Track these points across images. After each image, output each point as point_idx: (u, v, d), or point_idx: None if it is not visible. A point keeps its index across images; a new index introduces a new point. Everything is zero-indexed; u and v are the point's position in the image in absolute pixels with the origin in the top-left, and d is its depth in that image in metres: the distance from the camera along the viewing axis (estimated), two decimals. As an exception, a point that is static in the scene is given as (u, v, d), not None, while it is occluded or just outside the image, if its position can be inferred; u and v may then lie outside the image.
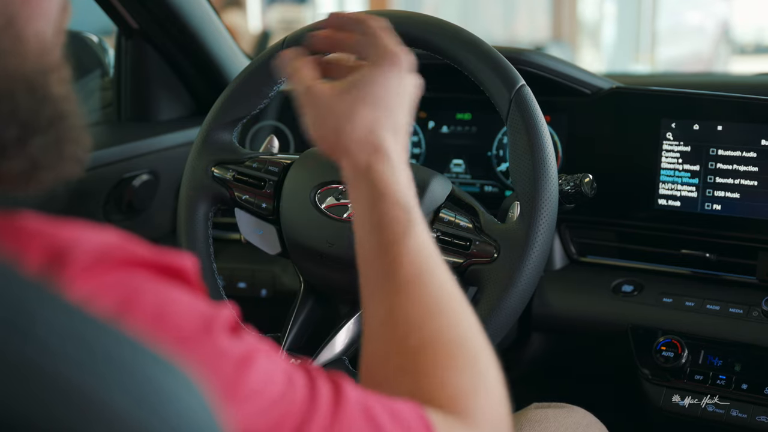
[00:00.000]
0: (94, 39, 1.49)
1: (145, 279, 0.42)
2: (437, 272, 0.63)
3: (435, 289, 0.62)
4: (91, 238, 0.41)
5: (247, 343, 0.46)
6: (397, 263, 0.62)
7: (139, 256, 0.43)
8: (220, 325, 0.44)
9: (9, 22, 0.44)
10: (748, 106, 1.10)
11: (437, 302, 0.61)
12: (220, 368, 0.43)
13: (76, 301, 0.37)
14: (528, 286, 0.90)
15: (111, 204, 1.33)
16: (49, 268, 0.39)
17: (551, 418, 0.98)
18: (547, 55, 1.24)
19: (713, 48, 7.18)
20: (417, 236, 0.63)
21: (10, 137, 0.44)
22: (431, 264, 0.63)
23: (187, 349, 0.41)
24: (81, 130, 0.49)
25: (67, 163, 0.48)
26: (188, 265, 0.45)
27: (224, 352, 0.44)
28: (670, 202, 1.14)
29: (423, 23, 0.97)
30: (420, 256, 0.63)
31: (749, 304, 1.09)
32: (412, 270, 0.62)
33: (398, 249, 0.62)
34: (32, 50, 0.45)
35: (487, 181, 1.28)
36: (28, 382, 0.33)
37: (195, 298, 0.44)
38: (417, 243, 0.63)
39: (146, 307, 0.41)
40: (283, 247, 1.03)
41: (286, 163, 1.04)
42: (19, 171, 0.45)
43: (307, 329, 1.02)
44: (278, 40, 1.04)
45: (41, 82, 0.46)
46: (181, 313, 0.43)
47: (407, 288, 0.61)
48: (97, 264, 0.40)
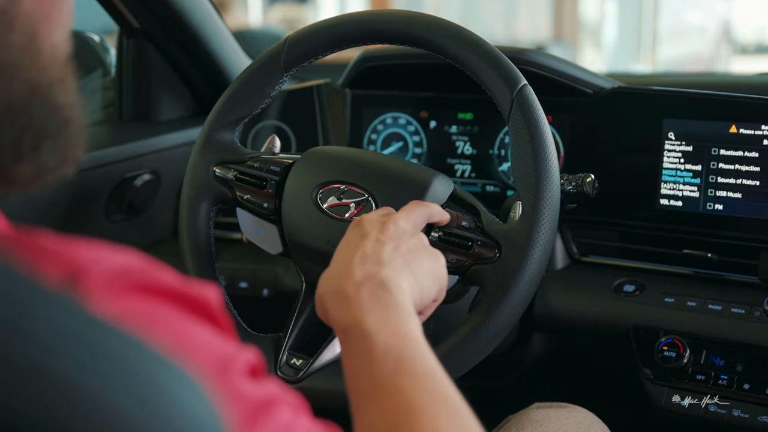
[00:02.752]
0: (96, 39, 1.49)
1: (167, 310, 0.41)
2: (430, 377, 0.59)
3: (426, 389, 0.58)
4: (109, 258, 0.41)
5: (268, 390, 0.45)
6: (389, 388, 0.58)
7: (163, 283, 0.42)
8: (240, 366, 0.43)
9: (31, 38, 0.44)
10: (749, 105, 1.10)
11: (430, 398, 0.57)
12: (235, 411, 0.42)
13: (80, 303, 0.37)
14: (530, 286, 0.90)
15: (112, 204, 1.33)
16: (64, 285, 0.38)
17: (553, 418, 0.98)
18: (548, 54, 1.23)
19: (714, 48, 7.17)
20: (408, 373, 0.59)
21: (26, 145, 0.45)
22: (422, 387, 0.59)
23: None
24: (82, 133, 0.50)
25: (68, 164, 0.49)
26: (213, 299, 0.44)
27: (241, 394, 0.42)
28: (672, 202, 1.14)
29: (424, 23, 0.97)
30: (417, 381, 0.59)
31: (751, 304, 1.09)
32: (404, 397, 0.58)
33: (393, 381, 0.58)
34: (48, 63, 0.46)
35: (489, 181, 1.28)
36: (31, 382, 0.33)
37: (216, 336, 0.43)
38: (407, 380, 0.59)
39: (165, 338, 0.40)
40: (284, 246, 1.03)
41: (288, 163, 1.04)
42: (30, 174, 0.46)
43: (308, 329, 1.02)
44: (279, 40, 1.04)
45: (53, 92, 0.47)
46: (199, 350, 0.41)
47: (398, 401, 0.57)
48: (115, 285, 0.40)
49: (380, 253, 0.70)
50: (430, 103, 1.29)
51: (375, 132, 1.34)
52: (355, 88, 1.35)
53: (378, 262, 0.69)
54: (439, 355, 0.89)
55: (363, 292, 0.66)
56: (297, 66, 1.03)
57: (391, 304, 0.65)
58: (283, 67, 1.03)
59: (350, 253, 0.71)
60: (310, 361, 0.97)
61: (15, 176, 0.46)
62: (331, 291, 0.68)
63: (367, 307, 0.64)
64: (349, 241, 0.74)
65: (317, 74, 1.47)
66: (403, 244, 0.73)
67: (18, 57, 0.44)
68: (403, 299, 0.67)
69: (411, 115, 1.31)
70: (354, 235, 0.75)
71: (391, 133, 1.33)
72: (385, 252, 0.71)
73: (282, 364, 0.98)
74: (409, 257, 0.72)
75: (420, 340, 0.63)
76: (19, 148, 0.45)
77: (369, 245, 0.72)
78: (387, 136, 1.33)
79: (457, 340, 0.91)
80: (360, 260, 0.70)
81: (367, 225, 0.75)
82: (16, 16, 0.43)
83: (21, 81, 0.44)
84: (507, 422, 1.01)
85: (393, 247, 0.72)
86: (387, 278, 0.67)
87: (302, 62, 1.03)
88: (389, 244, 0.72)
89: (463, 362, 0.91)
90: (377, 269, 0.68)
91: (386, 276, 0.67)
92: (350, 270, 0.69)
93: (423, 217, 0.83)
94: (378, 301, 0.65)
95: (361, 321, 0.63)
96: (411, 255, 0.73)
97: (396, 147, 1.32)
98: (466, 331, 0.91)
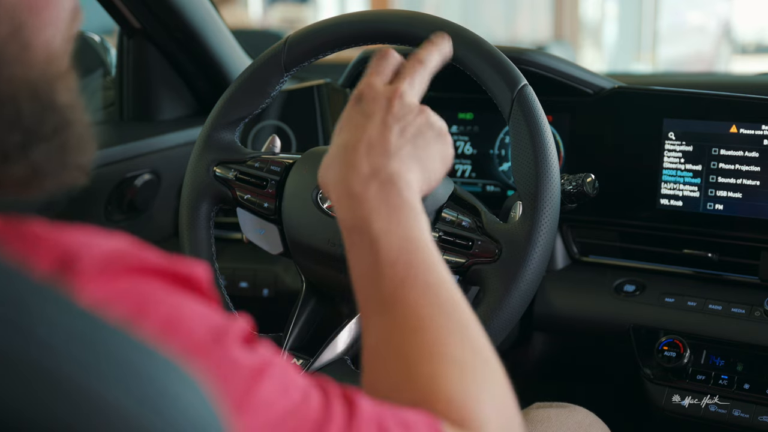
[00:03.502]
0: (96, 38, 1.49)
1: (157, 287, 0.42)
2: (439, 289, 0.59)
3: (435, 303, 0.58)
4: (100, 243, 0.41)
5: (261, 355, 0.45)
6: (397, 301, 0.58)
7: (151, 263, 0.42)
8: (233, 336, 0.44)
9: (15, 31, 0.44)
10: (750, 105, 1.10)
11: (439, 313, 0.58)
12: (231, 378, 0.42)
13: (79, 301, 0.37)
14: (530, 286, 0.90)
15: (113, 204, 1.33)
16: (57, 274, 0.38)
17: (553, 418, 0.98)
18: (549, 54, 1.23)
19: (715, 48, 7.17)
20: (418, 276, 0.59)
21: (13, 143, 0.44)
22: (434, 286, 0.59)
23: (198, 359, 0.41)
24: (87, 138, 0.49)
25: (70, 170, 0.48)
26: (201, 274, 0.45)
27: (236, 362, 0.43)
28: (673, 202, 1.14)
29: (425, 23, 0.97)
30: (426, 294, 0.58)
31: (751, 304, 1.09)
32: (412, 296, 0.58)
33: (401, 293, 0.58)
34: (39, 58, 0.45)
35: (489, 181, 1.28)
36: (31, 381, 0.33)
37: (207, 309, 0.44)
38: (420, 282, 0.58)
39: (157, 316, 0.40)
40: (285, 246, 1.03)
41: (288, 163, 1.04)
42: (20, 177, 0.45)
43: (308, 329, 1.02)
44: (280, 40, 1.04)
45: (47, 89, 0.46)
46: (192, 322, 0.42)
47: (406, 317, 0.57)
48: (107, 270, 0.40)
49: (387, 141, 0.65)
50: (430, 102, 1.28)
51: (375, 132, 1.33)
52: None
53: (385, 152, 0.64)
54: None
55: (370, 189, 0.62)
56: (297, 66, 1.03)
57: (399, 204, 0.61)
58: (283, 67, 1.03)
59: (355, 137, 0.65)
60: (311, 361, 0.97)
61: (3, 178, 0.44)
62: (337, 183, 0.64)
63: (374, 207, 0.61)
64: (351, 122, 0.67)
65: (318, 74, 1.47)
66: (410, 126, 0.67)
67: (0, 49, 0.43)
68: (412, 196, 0.63)
69: (411, 115, 1.31)
70: (357, 115, 0.67)
71: (391, 133, 1.32)
72: (392, 138, 0.65)
73: (282, 363, 0.98)
74: (417, 143, 0.67)
75: (428, 244, 0.61)
76: (4, 146, 0.44)
77: (374, 130, 0.65)
78: (387, 136, 1.33)
79: (457, 340, 0.91)
80: (366, 149, 0.64)
81: (369, 102, 0.68)
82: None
83: (6, 75, 0.43)
84: (507, 422, 1.01)
85: (399, 131, 0.66)
86: (395, 174, 0.63)
87: (303, 62, 1.03)
88: (395, 128, 0.66)
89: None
90: (385, 162, 0.63)
91: (394, 171, 0.63)
92: (356, 161, 0.63)
93: (425, 77, 0.74)
94: (386, 200, 0.61)
95: (368, 222, 0.60)
96: (419, 140, 0.67)
97: (396, 147, 1.32)
98: (467, 331, 0.91)
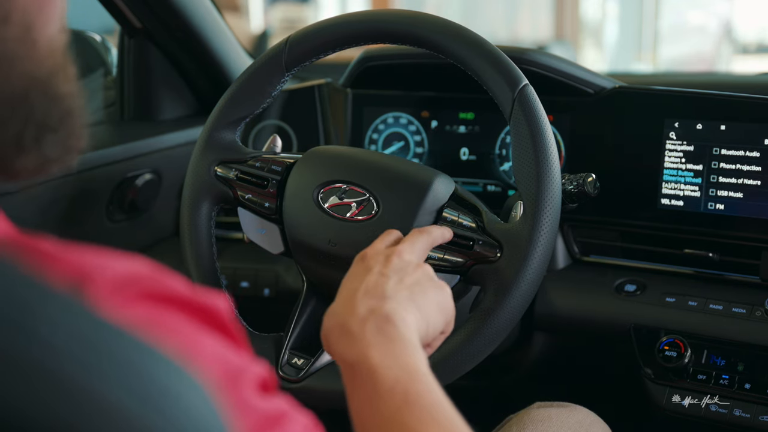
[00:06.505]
0: (97, 38, 1.49)
1: (175, 318, 0.41)
2: (437, 413, 0.59)
3: (435, 426, 0.58)
4: (114, 266, 0.40)
5: (278, 405, 0.44)
6: (395, 424, 0.58)
7: (170, 291, 0.41)
8: (250, 380, 0.43)
9: (27, 30, 0.45)
10: (751, 105, 1.10)
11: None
12: (243, 423, 0.41)
13: (82, 303, 0.37)
14: (531, 286, 0.90)
15: (114, 203, 1.33)
16: (70, 290, 0.38)
17: (554, 418, 0.99)
18: (549, 54, 1.23)
19: (715, 47, 7.17)
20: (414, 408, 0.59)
21: (29, 137, 0.45)
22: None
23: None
24: (84, 123, 0.50)
25: (70, 154, 0.49)
26: (223, 308, 0.44)
27: (250, 407, 0.42)
28: (673, 202, 1.14)
29: (426, 23, 0.97)
30: (424, 418, 0.58)
31: (752, 304, 1.09)
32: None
33: (399, 416, 0.58)
34: (44, 53, 0.46)
35: (490, 181, 1.28)
36: (33, 381, 0.33)
37: (227, 348, 0.43)
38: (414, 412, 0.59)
39: (173, 346, 0.39)
40: (285, 246, 1.03)
41: (289, 163, 1.04)
42: (33, 166, 0.47)
43: (309, 329, 1.02)
44: (281, 40, 1.04)
45: (52, 82, 0.47)
46: (209, 360, 0.41)
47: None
48: (120, 293, 0.39)
49: (384, 287, 0.70)
50: (432, 102, 1.29)
51: (376, 132, 1.34)
52: (356, 88, 1.35)
53: (382, 296, 0.69)
54: (440, 356, 0.90)
55: (367, 326, 0.65)
56: (298, 65, 1.03)
57: (396, 338, 0.64)
58: (284, 67, 1.03)
59: (354, 287, 0.71)
60: (312, 361, 0.97)
61: (18, 169, 0.46)
62: (336, 326, 0.68)
63: (372, 342, 0.64)
64: (353, 276, 0.74)
65: (318, 74, 1.47)
66: (408, 277, 0.73)
67: (14, 49, 0.44)
68: (409, 333, 0.66)
69: (412, 115, 1.31)
70: (358, 270, 0.75)
71: (392, 133, 1.33)
72: (389, 286, 0.71)
73: (283, 363, 0.98)
74: (414, 290, 0.72)
75: (426, 373, 0.63)
76: (21, 141, 0.45)
77: (372, 279, 0.71)
78: (388, 136, 1.33)
79: (458, 340, 0.91)
80: (363, 294, 0.69)
81: (370, 259, 0.75)
82: (12, 9, 0.44)
83: (19, 73, 0.44)
84: (508, 421, 1.01)
85: (397, 280, 0.72)
86: (391, 312, 0.67)
87: (303, 62, 1.03)
88: (393, 278, 0.72)
89: (464, 362, 0.91)
90: (381, 303, 0.68)
91: (390, 310, 0.67)
92: (354, 305, 0.68)
93: (426, 244, 0.83)
94: (383, 335, 0.64)
95: (366, 356, 0.62)
96: (416, 288, 0.72)
97: (397, 147, 1.32)
98: (468, 331, 0.91)
